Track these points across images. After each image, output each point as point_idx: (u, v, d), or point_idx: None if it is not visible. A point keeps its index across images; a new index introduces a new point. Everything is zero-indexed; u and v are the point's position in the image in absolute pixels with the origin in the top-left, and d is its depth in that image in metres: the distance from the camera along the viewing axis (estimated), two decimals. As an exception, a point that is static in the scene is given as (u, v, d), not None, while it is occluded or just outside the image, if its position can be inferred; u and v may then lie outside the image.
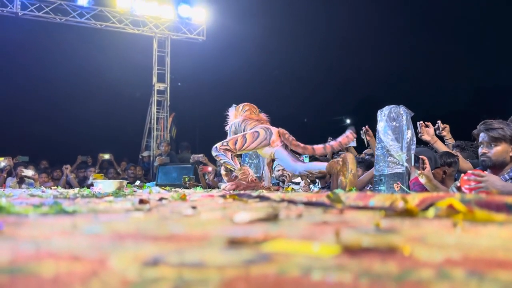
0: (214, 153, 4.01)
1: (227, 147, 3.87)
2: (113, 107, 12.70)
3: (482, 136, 2.74)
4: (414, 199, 1.43)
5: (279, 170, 5.05)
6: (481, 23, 13.71)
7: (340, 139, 3.85)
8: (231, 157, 3.90)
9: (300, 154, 4.46)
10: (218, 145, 3.94)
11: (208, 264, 0.55)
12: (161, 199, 2.33)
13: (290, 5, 13.32)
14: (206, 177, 7.21)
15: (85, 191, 3.41)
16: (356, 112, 16.14)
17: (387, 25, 14.21)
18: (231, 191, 3.49)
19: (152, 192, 3.81)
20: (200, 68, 13.16)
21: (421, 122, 3.57)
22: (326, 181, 4.48)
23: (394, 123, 3.23)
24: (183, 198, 2.42)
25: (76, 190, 4.07)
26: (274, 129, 4.05)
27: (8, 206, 1.37)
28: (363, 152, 4.94)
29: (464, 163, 3.35)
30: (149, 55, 10.95)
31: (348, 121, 17.20)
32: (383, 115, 3.29)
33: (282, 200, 2.00)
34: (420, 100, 12.80)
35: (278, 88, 14.59)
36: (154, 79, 10.79)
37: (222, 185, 4.53)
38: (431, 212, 1.21)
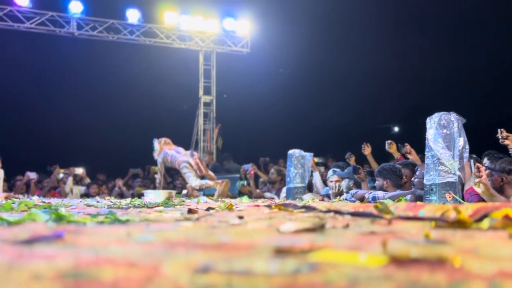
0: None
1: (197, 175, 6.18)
2: (162, 120, 13.12)
3: None
4: (468, 209, 1.38)
5: (332, 182, 4.99)
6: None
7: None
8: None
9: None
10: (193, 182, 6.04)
11: (256, 272, 0.56)
12: (208, 209, 2.38)
13: (336, 14, 13.22)
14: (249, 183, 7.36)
15: (137, 201, 3.54)
16: (404, 119, 15.66)
17: (438, 27, 13.77)
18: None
19: (199, 202, 3.90)
20: (244, 80, 13.32)
21: (503, 129, 3.44)
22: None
23: (444, 131, 3.11)
24: (230, 208, 2.46)
25: (128, 200, 4.24)
26: (181, 149, 6.49)
27: (68, 215, 1.46)
28: (397, 162, 4.70)
29: None
30: (195, 68, 11.25)
31: (396, 129, 16.72)
32: (432, 122, 3.18)
33: (329, 211, 1.98)
34: (472, 106, 12.24)
35: (324, 98, 14.46)
36: (201, 92, 11.06)
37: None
38: (485, 223, 1.17)
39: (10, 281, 0.52)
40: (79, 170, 7.98)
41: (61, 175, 7.82)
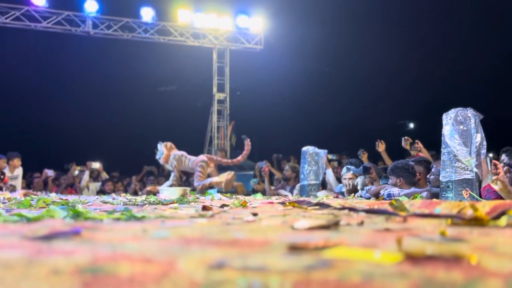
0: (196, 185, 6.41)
1: (201, 179, 6.38)
2: (176, 117, 13.20)
3: None
4: (485, 206, 1.36)
5: (345, 179, 4.96)
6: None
7: (244, 151, 6.65)
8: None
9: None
10: (197, 183, 6.37)
11: (270, 268, 0.57)
12: (223, 205, 2.39)
13: (349, 10, 13.10)
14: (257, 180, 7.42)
15: (152, 198, 3.58)
16: (420, 116, 15.47)
17: (452, 22, 13.55)
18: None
19: (214, 198, 3.92)
20: (258, 77, 13.31)
21: None
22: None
23: (461, 127, 3.07)
24: (244, 205, 2.47)
25: (144, 197, 4.28)
26: (202, 159, 6.63)
27: (85, 212, 1.48)
28: (411, 159, 4.64)
29: None
30: (209, 66, 11.29)
31: (411, 125, 16.52)
32: (449, 118, 3.14)
33: (343, 208, 1.97)
34: (490, 101, 12.01)
35: (338, 94, 14.36)
36: (214, 89, 11.09)
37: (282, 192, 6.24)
38: (503, 220, 1.15)
39: (30, 276, 0.53)
40: (96, 165, 8.11)
41: (76, 172, 7.95)
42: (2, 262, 0.61)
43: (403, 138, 5.10)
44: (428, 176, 3.81)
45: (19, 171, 7.20)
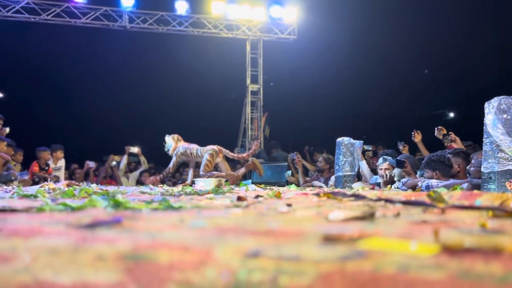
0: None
1: (207, 170, 6.23)
2: (210, 109, 13.34)
3: None
4: (528, 198, 1.31)
5: (381, 169, 4.87)
6: None
7: (252, 149, 6.67)
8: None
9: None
10: (202, 172, 6.28)
11: (305, 258, 0.57)
12: (257, 196, 2.41)
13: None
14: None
15: (188, 189, 3.65)
16: (460, 104, 14.92)
17: (493, 9, 12.94)
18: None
19: (248, 189, 3.96)
20: (291, 67, 13.22)
21: None
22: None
23: (504, 116, 2.94)
24: (278, 195, 2.48)
25: (180, 187, 4.38)
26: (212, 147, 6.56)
27: (125, 202, 1.54)
28: (448, 151, 4.48)
29: None
30: (242, 57, 11.32)
31: (451, 114, 15.97)
32: (491, 107, 3.02)
33: (379, 199, 1.95)
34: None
35: (374, 84, 14.06)
36: (248, 81, 11.13)
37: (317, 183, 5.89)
38: (548, 213, 1.11)
39: (77, 261, 0.57)
40: (135, 149, 8.27)
41: (114, 163, 8.20)
42: (51, 248, 0.65)
43: (436, 128, 4.94)
44: (467, 167, 3.68)
45: (62, 163, 7.52)
